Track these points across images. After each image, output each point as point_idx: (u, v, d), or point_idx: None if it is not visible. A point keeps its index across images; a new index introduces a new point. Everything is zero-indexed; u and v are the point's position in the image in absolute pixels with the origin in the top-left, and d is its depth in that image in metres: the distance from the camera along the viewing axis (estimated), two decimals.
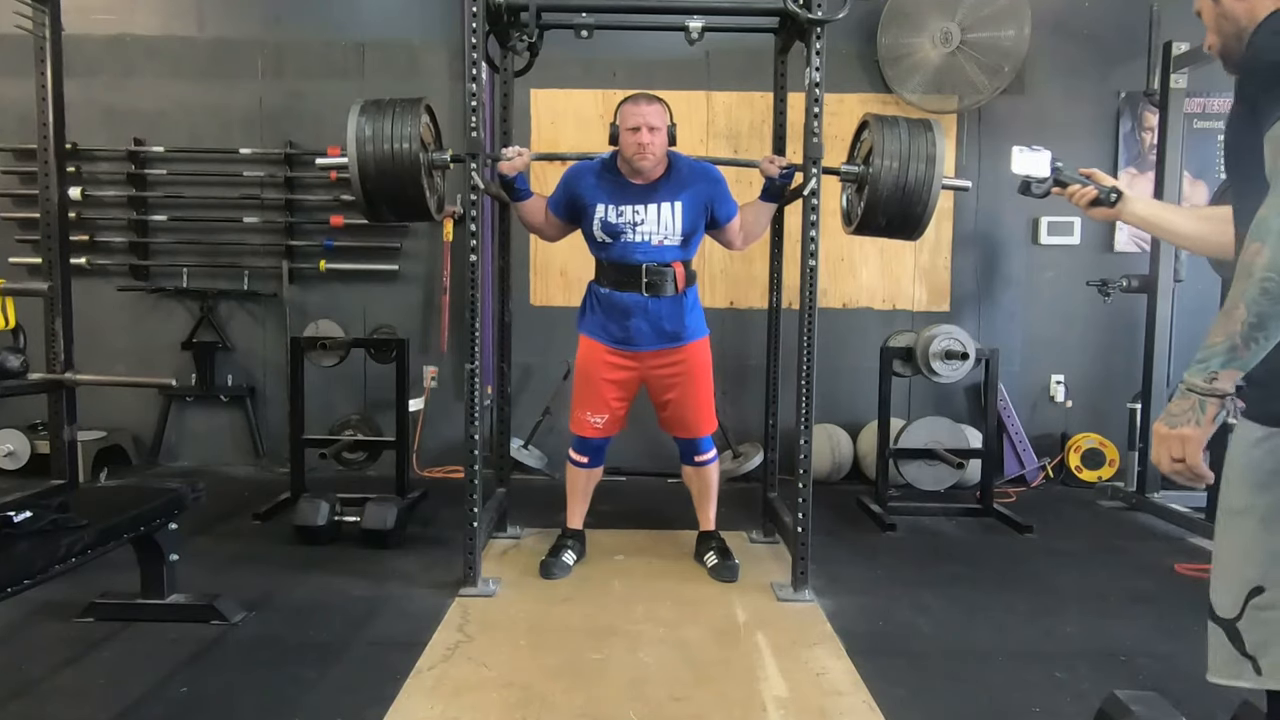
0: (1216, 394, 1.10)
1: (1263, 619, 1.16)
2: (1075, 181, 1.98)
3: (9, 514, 2.08)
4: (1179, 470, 1.15)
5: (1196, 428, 1.11)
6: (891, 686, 2.23)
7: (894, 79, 4.51)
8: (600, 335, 3.01)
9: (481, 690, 2.18)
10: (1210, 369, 1.10)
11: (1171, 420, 1.14)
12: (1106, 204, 1.87)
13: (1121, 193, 1.83)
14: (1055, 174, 2.09)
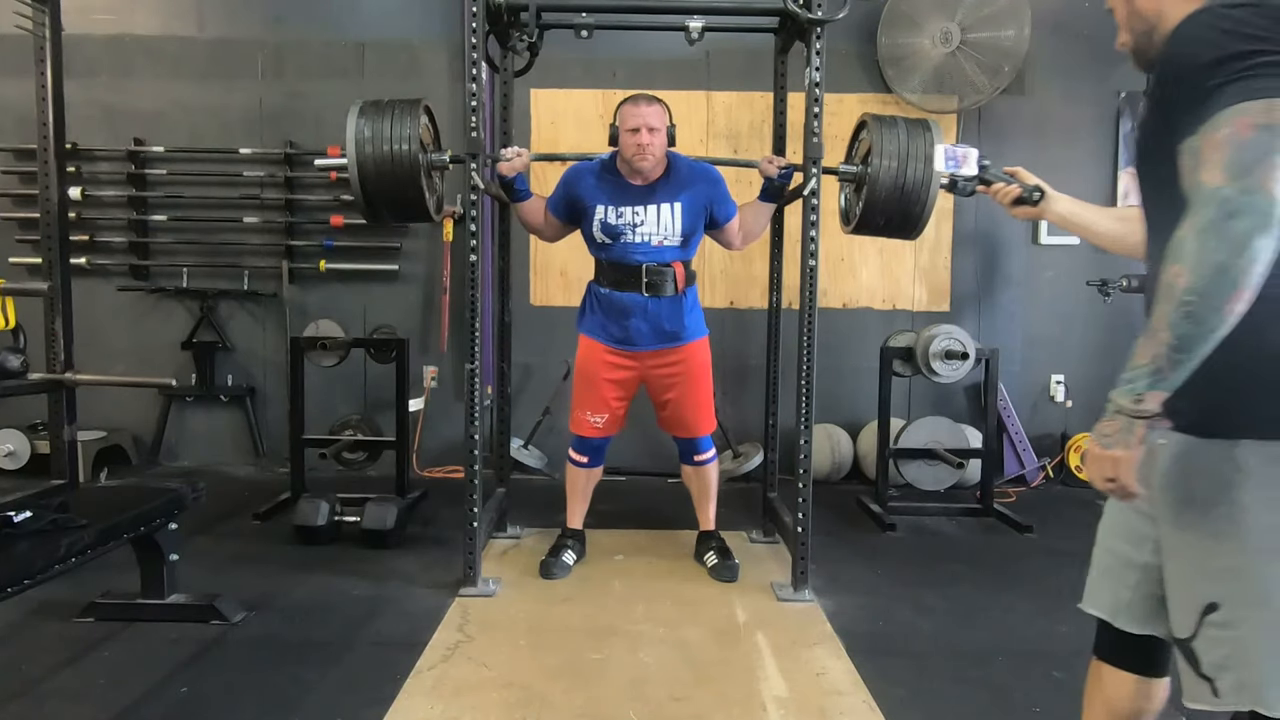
0: (1144, 415, 1.10)
1: (1218, 637, 1.15)
2: (1000, 180, 2.00)
3: (9, 514, 2.08)
4: (1112, 489, 1.16)
5: (1127, 449, 1.12)
6: (891, 686, 2.23)
7: (894, 79, 4.51)
8: (600, 335, 3.01)
9: (481, 690, 2.18)
10: (1137, 390, 1.10)
11: (1104, 441, 1.14)
12: (1029, 202, 1.90)
13: (1045, 191, 1.86)
14: (982, 172, 2.11)
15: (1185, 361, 1.06)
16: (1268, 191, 1.01)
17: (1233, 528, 1.14)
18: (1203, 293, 1.02)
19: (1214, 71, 1.05)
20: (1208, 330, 1.04)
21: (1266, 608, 1.12)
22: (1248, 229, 1.00)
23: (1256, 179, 1.01)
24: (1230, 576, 1.14)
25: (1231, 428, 1.13)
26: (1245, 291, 1.02)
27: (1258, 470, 1.12)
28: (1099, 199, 4.67)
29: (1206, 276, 1.02)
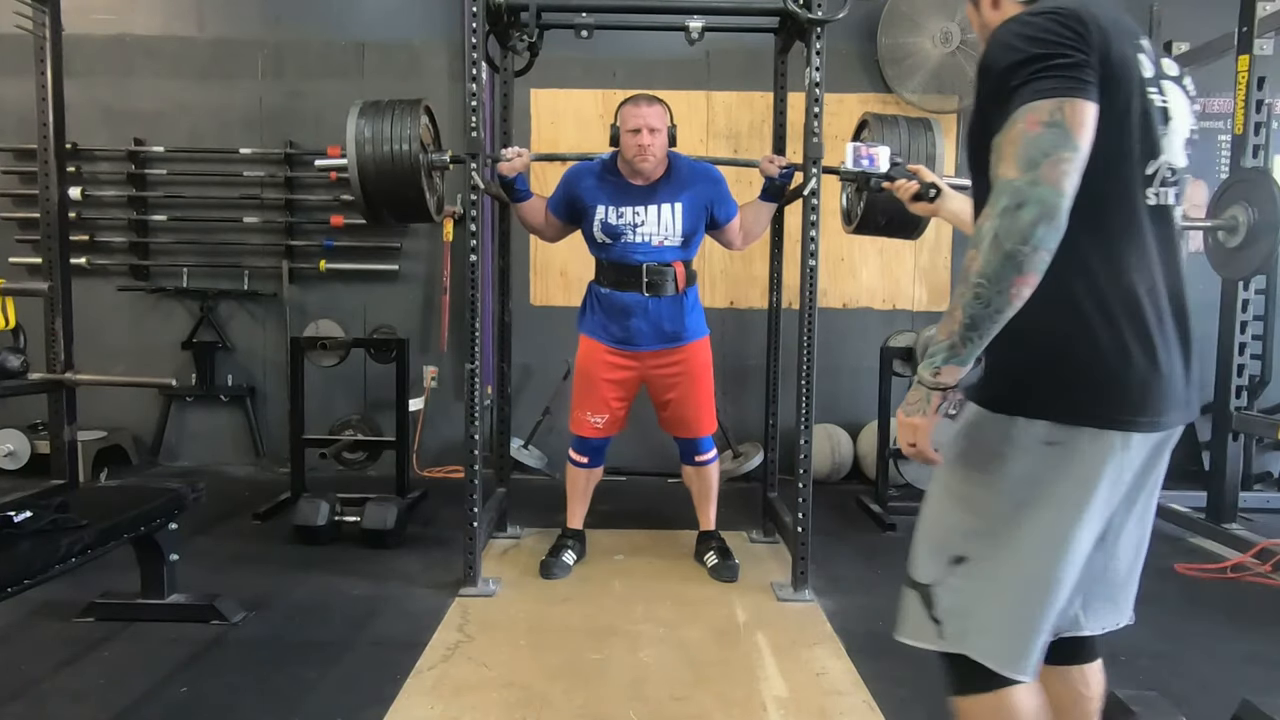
0: (940, 387, 1.20)
1: (959, 587, 1.26)
2: (904, 176, 2.06)
3: (9, 514, 2.08)
4: (912, 454, 1.25)
5: (924, 417, 1.21)
6: (891, 686, 2.23)
7: (894, 79, 4.51)
8: (600, 335, 3.01)
9: (481, 690, 2.18)
10: (935, 365, 1.19)
11: (908, 409, 1.23)
12: (926, 199, 1.98)
13: (940, 189, 1.97)
14: (891, 169, 2.15)
15: (975, 340, 1.15)
16: (1052, 184, 1.09)
17: (992, 494, 1.24)
18: (990, 276, 1.10)
19: (1015, 73, 1.13)
20: (994, 311, 1.12)
21: (1004, 566, 1.23)
22: (1032, 218, 1.08)
23: (1042, 172, 1.09)
24: (982, 536, 1.25)
25: (1012, 405, 1.23)
26: (1030, 276, 1.10)
27: (1022, 444, 1.21)
28: None
29: (994, 262, 1.10)
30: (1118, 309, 1.18)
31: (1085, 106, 1.11)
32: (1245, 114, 3.44)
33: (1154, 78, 1.21)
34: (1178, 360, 1.22)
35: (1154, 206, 1.22)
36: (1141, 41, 1.22)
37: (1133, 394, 1.18)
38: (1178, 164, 1.24)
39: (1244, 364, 3.58)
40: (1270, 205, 3.19)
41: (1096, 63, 1.13)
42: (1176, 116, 1.24)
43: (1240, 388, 3.58)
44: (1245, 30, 3.43)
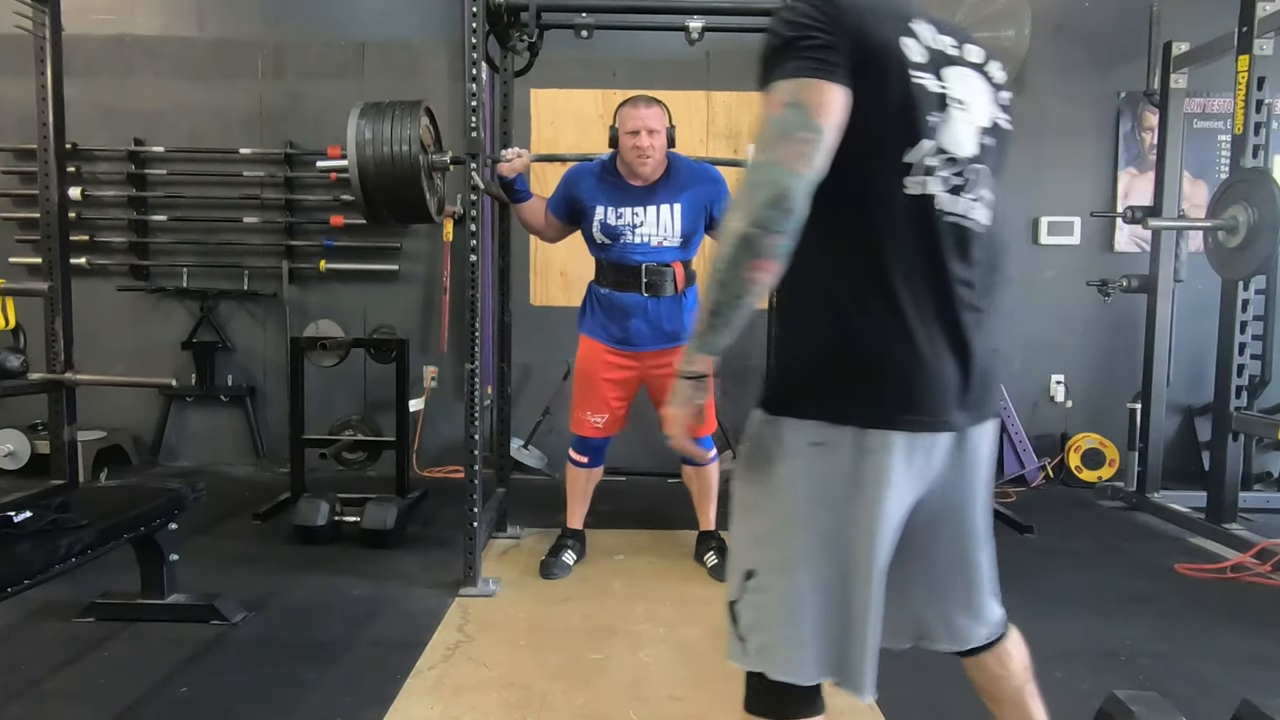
0: (692, 376, 1.19)
1: (753, 602, 1.20)
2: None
3: (9, 514, 2.08)
4: (676, 446, 1.24)
5: (681, 407, 1.21)
6: (891, 686, 2.22)
7: None
8: (600, 335, 3.01)
9: (481, 690, 2.18)
10: (690, 354, 1.18)
11: (671, 400, 1.22)
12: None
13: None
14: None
15: (721, 327, 1.12)
16: (784, 164, 1.06)
17: (770, 501, 1.19)
18: (728, 260, 1.08)
19: (774, 56, 1.13)
20: (734, 297, 1.09)
21: (788, 576, 1.17)
22: (763, 200, 1.05)
23: (777, 153, 1.07)
24: (764, 544, 1.20)
25: (780, 406, 1.20)
26: (765, 261, 1.07)
27: (792, 447, 1.17)
28: (1099, 198, 4.68)
29: (731, 245, 1.07)
30: (876, 304, 1.14)
31: (826, 87, 1.08)
32: (1245, 114, 3.44)
33: (926, 63, 1.14)
34: (948, 359, 1.16)
35: (914, 196, 1.15)
36: (915, 25, 1.16)
37: (896, 393, 1.14)
38: (961, 153, 1.18)
39: (1244, 364, 3.58)
40: (1270, 205, 3.19)
41: (848, 45, 1.09)
42: (963, 103, 1.18)
43: (1240, 388, 3.58)
44: (1245, 30, 3.43)
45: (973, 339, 1.19)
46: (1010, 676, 1.39)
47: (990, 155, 1.23)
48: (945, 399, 1.16)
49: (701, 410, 1.22)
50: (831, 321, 1.16)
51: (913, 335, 1.14)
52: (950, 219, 1.19)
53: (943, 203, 1.17)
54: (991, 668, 1.39)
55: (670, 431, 1.22)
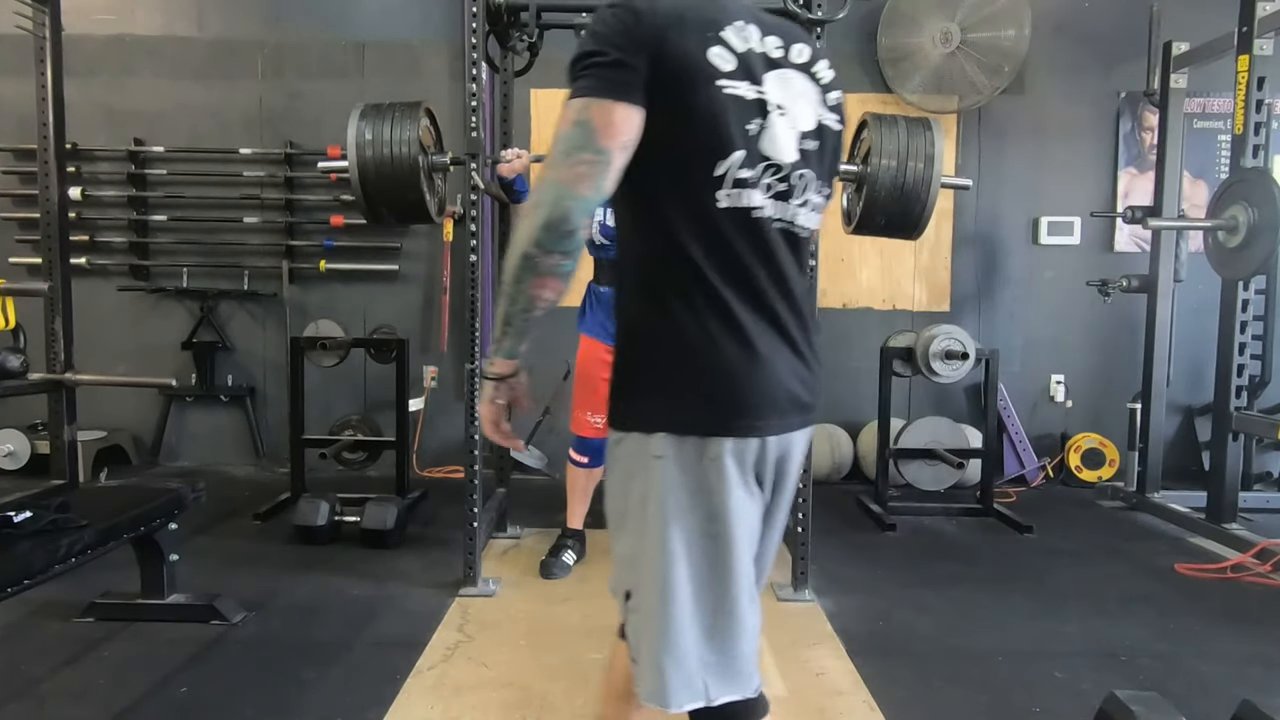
0: (489, 377, 1.21)
1: (632, 623, 1.18)
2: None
3: (9, 514, 2.08)
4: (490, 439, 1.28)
5: (488, 405, 1.23)
6: (891, 686, 2.23)
7: (894, 79, 4.51)
8: (600, 334, 3.01)
9: (481, 690, 2.18)
10: (490, 358, 1.21)
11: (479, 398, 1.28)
12: None
13: None
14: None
15: (513, 333, 1.15)
16: (566, 185, 1.06)
17: (630, 518, 1.16)
18: (513, 276, 1.10)
19: (573, 69, 1.10)
20: (522, 310, 1.12)
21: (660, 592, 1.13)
22: (541, 220, 1.06)
23: (561, 173, 1.07)
24: (631, 563, 1.17)
25: (622, 420, 1.18)
26: (547, 279, 1.10)
27: (639, 461, 1.15)
28: (1099, 199, 4.68)
29: (514, 262, 1.10)
30: (705, 318, 1.12)
31: (615, 107, 1.06)
32: (1245, 114, 3.44)
33: (737, 70, 1.11)
34: (779, 365, 1.16)
35: (727, 209, 1.12)
36: (727, 33, 1.12)
37: (731, 401, 1.12)
38: (783, 159, 1.15)
39: (1244, 364, 3.58)
40: (1270, 205, 3.19)
41: (646, 63, 1.07)
42: (784, 108, 1.15)
43: (1240, 388, 3.58)
44: (1245, 30, 3.43)
45: (801, 343, 1.20)
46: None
47: (815, 158, 1.19)
48: (778, 404, 1.16)
49: (505, 408, 1.24)
50: (664, 337, 1.14)
51: (742, 345, 1.13)
52: (778, 226, 1.17)
53: (767, 210, 1.15)
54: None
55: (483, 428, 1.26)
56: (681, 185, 1.12)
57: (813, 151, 1.19)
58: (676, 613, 1.13)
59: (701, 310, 1.12)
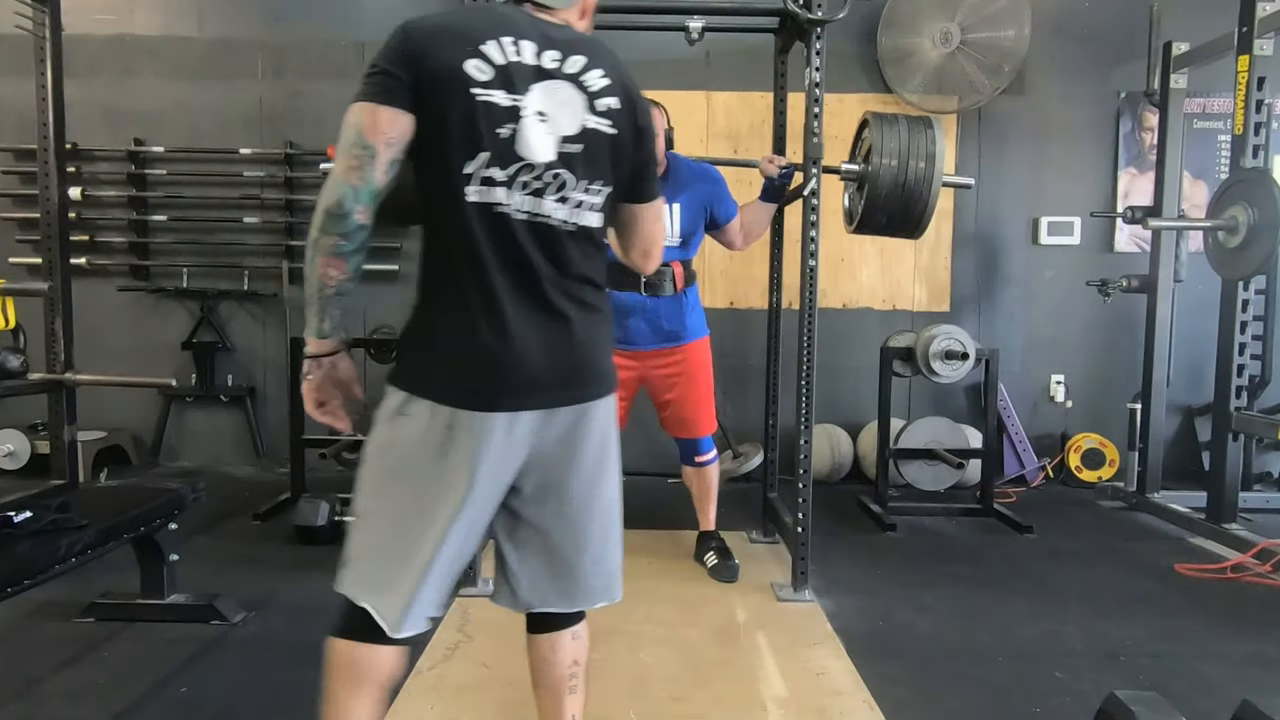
0: (308, 356, 1.34)
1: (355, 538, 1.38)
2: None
3: (9, 514, 2.08)
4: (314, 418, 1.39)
5: (305, 383, 1.36)
6: (891, 686, 2.23)
7: (894, 79, 4.51)
8: None
9: (481, 690, 2.18)
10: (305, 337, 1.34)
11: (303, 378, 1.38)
12: None
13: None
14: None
15: (315, 313, 1.31)
16: (341, 176, 1.26)
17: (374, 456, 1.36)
18: (307, 259, 1.28)
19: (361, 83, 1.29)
20: (318, 290, 1.29)
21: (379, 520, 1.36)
22: (323, 207, 1.26)
23: (338, 165, 1.27)
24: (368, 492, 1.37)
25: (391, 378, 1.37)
26: (332, 260, 1.27)
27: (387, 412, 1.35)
28: (1099, 199, 4.68)
29: (308, 245, 1.28)
30: (453, 298, 1.31)
31: (379, 110, 1.25)
32: (1245, 114, 3.44)
33: (493, 80, 1.27)
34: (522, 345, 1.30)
35: (475, 203, 1.29)
36: (485, 48, 1.27)
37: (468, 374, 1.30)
38: (537, 159, 1.29)
39: (1244, 364, 3.58)
40: (1270, 205, 3.19)
41: (410, 75, 1.25)
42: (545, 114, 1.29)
43: (1240, 388, 3.58)
44: (1245, 30, 3.43)
45: (551, 327, 1.33)
46: (555, 664, 1.53)
47: (578, 160, 1.32)
48: (518, 381, 1.31)
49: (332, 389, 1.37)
50: (425, 311, 1.35)
51: (484, 325, 1.29)
52: (526, 219, 1.31)
53: (515, 205, 1.30)
54: (543, 651, 1.54)
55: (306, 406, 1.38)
56: (439, 181, 1.30)
57: (575, 154, 1.32)
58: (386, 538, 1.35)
59: (450, 291, 1.31)
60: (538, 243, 1.32)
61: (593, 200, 1.36)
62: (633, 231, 1.52)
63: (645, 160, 1.43)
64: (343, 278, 1.29)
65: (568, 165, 1.31)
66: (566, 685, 1.53)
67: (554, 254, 1.33)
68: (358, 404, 1.42)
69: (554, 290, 1.33)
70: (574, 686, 1.54)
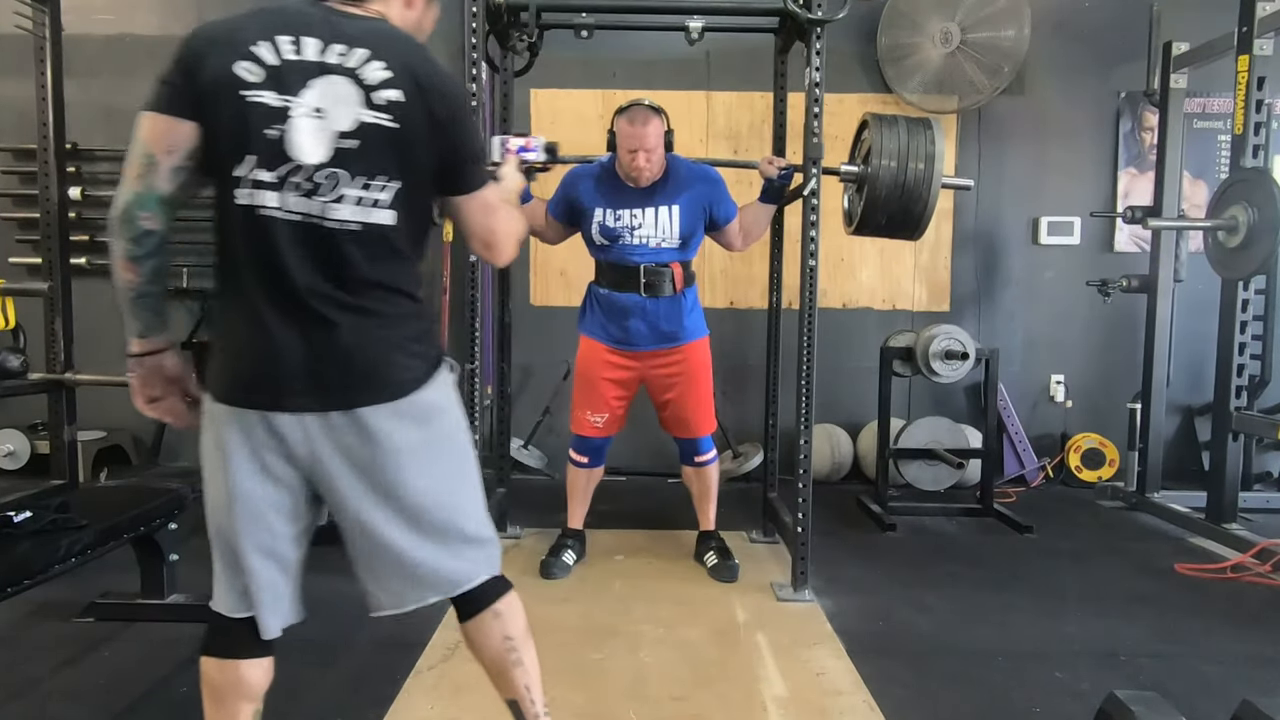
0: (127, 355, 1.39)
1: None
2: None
3: (9, 514, 2.08)
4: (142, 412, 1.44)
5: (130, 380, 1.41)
6: (891, 686, 2.23)
7: (894, 79, 4.51)
8: (600, 335, 3.01)
9: (481, 690, 2.17)
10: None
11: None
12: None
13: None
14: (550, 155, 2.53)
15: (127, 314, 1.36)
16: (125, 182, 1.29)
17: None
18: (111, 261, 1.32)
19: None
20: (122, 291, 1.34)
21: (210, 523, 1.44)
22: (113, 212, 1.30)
23: (125, 172, 1.29)
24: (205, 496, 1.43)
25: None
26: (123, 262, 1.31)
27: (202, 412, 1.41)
28: (1099, 199, 4.68)
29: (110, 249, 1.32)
30: (228, 299, 1.36)
31: (157, 118, 1.28)
32: (1245, 114, 3.44)
33: (263, 81, 1.27)
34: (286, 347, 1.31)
35: (244, 206, 1.30)
36: (256, 49, 1.27)
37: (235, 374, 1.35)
38: (308, 159, 1.28)
39: (1244, 364, 3.58)
40: (1270, 205, 3.19)
41: (186, 82, 1.27)
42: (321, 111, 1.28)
43: (1240, 388, 3.58)
44: (1245, 30, 3.43)
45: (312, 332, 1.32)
46: (486, 647, 1.56)
47: (355, 157, 1.29)
48: (272, 383, 1.32)
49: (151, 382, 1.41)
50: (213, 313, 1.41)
51: (244, 327, 1.33)
52: (306, 221, 1.30)
53: (292, 206, 1.29)
54: (471, 636, 1.58)
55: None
56: (217, 185, 1.32)
57: (351, 150, 1.29)
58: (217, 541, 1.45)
59: (227, 292, 1.36)
60: (305, 246, 1.30)
61: (377, 197, 1.32)
62: (461, 224, 1.47)
63: (452, 150, 1.37)
64: (139, 281, 1.32)
65: (342, 163, 1.29)
66: (508, 660, 1.54)
67: (326, 257, 1.31)
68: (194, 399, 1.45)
69: (316, 294, 1.31)
70: (516, 660, 1.55)
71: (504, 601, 1.56)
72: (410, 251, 1.40)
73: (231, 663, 1.48)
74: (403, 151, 1.32)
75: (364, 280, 1.33)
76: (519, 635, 1.56)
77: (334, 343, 1.32)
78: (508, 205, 1.57)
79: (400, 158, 1.32)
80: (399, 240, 1.35)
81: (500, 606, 1.55)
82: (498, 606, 1.55)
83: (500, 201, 1.50)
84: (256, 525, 1.39)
